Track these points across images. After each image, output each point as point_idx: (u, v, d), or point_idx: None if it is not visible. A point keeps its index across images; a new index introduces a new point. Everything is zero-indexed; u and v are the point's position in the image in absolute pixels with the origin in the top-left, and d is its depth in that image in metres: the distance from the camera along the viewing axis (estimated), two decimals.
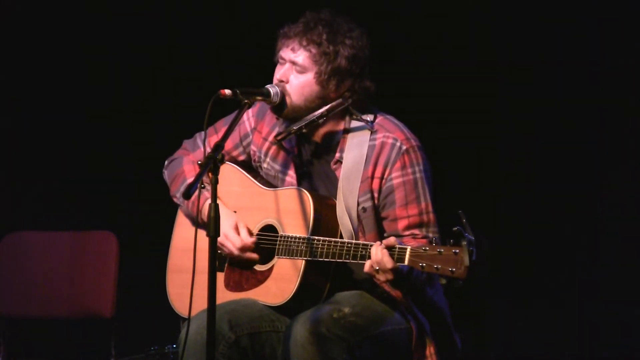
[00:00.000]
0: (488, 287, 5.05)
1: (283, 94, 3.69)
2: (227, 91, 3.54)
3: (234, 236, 3.72)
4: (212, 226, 3.24)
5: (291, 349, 3.49)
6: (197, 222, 3.72)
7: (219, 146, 3.33)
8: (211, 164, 3.28)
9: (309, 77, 3.67)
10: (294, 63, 3.68)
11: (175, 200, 3.93)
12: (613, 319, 5.10)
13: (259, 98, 3.65)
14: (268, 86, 3.68)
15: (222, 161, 3.30)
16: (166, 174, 3.99)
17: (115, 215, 5.59)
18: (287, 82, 3.69)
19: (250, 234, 3.75)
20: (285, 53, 3.70)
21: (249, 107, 3.66)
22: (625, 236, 5.12)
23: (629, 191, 5.13)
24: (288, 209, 3.69)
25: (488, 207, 5.18)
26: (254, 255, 3.72)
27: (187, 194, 3.23)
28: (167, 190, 3.95)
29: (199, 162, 3.74)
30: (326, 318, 3.51)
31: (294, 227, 3.65)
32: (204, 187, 3.61)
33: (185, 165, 3.93)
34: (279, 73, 3.71)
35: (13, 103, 5.63)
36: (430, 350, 3.65)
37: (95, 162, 5.68)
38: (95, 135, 5.67)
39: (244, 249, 3.71)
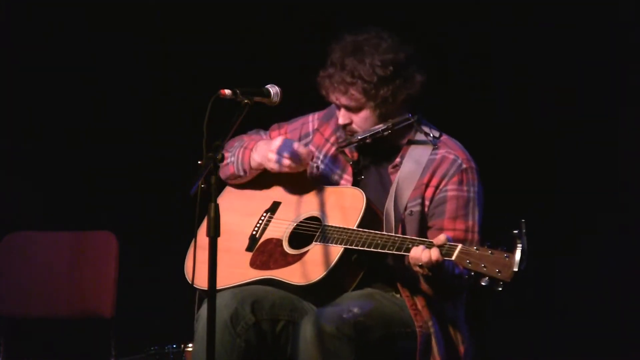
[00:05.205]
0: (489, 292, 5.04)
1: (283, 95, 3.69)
2: (227, 91, 3.55)
3: (286, 143, 3.76)
4: (212, 226, 3.23)
5: (300, 346, 3.53)
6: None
7: (218, 146, 3.33)
8: (211, 164, 3.28)
9: (367, 112, 3.74)
10: (347, 108, 3.75)
11: (225, 154, 3.85)
12: (614, 322, 5.09)
13: (259, 98, 3.65)
14: (268, 86, 3.68)
15: (221, 161, 3.30)
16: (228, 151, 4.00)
17: (115, 215, 5.58)
18: (352, 123, 3.77)
19: None
20: (335, 99, 3.77)
21: (250, 107, 3.65)
22: (628, 238, 5.11)
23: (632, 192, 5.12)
24: (338, 205, 3.73)
25: (489, 208, 5.17)
26: (307, 161, 3.77)
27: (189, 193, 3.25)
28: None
29: (199, 162, 3.74)
30: (336, 318, 3.54)
31: (339, 220, 3.68)
32: (204, 187, 3.61)
33: (246, 136, 3.99)
34: (340, 119, 3.79)
35: (13, 103, 5.63)
36: (435, 356, 3.67)
37: (95, 162, 5.68)
38: (95, 135, 5.67)
39: (298, 148, 3.75)
